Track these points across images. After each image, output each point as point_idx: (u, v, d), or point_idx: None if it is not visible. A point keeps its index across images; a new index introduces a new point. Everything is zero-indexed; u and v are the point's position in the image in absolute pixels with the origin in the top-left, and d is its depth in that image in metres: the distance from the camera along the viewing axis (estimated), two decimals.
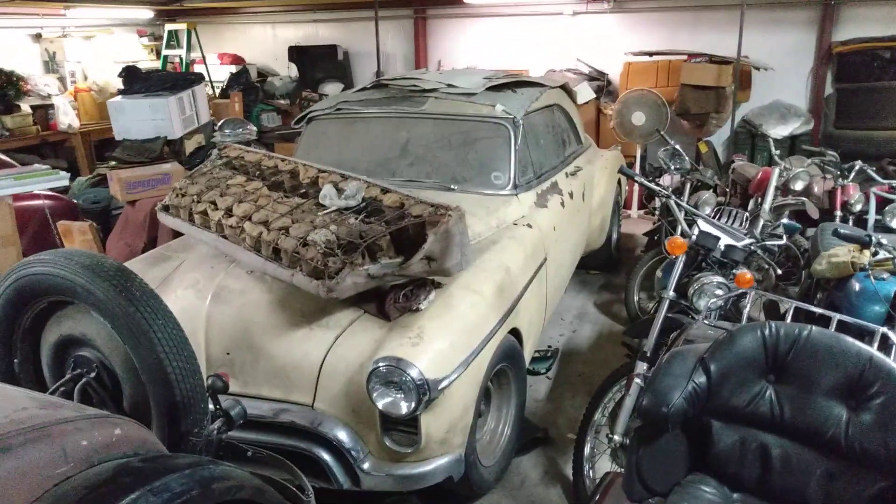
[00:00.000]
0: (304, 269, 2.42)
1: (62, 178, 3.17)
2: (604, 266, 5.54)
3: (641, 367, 2.67)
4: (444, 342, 2.44)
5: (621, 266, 5.66)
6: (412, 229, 2.50)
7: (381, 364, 2.30)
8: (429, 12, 8.41)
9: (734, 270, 2.76)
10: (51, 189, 4.56)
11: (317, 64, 8.91)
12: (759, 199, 4.74)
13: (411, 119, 3.77)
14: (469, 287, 2.72)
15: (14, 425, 1.40)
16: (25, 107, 7.08)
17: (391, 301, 2.57)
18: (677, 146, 3.89)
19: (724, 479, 1.67)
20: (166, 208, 3.05)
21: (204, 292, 2.60)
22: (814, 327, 1.64)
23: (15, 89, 6.93)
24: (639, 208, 7.27)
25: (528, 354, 3.31)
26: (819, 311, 2.16)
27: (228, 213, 2.76)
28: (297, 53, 9.00)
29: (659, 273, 3.08)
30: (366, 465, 2.43)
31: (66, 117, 7.26)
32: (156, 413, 2.00)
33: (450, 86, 3.88)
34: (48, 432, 1.42)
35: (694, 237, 2.75)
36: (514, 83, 4.16)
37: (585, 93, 7.41)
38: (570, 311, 4.87)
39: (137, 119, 6.01)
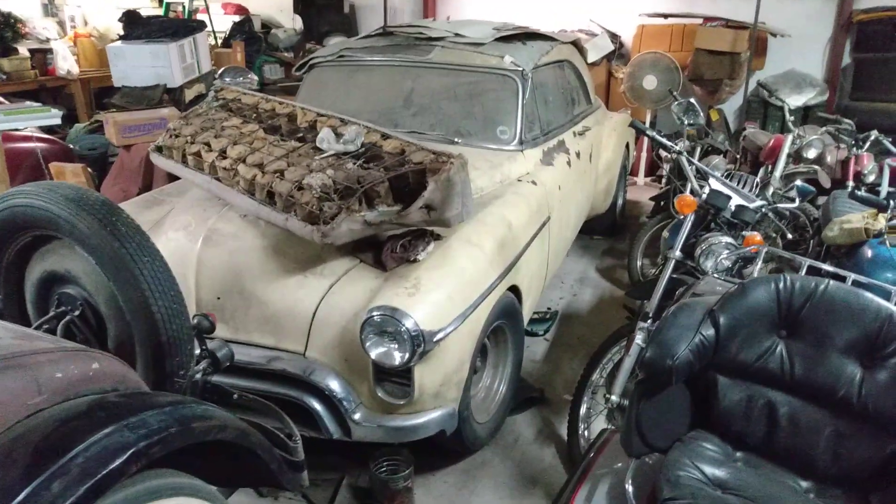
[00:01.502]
0: (299, 214, 2.34)
1: (54, 116, 3.06)
2: (607, 231, 5.45)
3: (643, 327, 2.60)
4: (442, 294, 2.36)
5: (625, 232, 5.56)
6: (412, 177, 2.40)
7: (375, 313, 2.24)
8: None
9: (743, 232, 2.67)
10: (45, 132, 4.47)
11: (322, 16, 8.70)
12: (770, 167, 4.63)
13: (416, 68, 3.64)
14: (469, 240, 2.64)
15: None
16: (23, 50, 6.90)
17: (388, 251, 2.49)
18: (692, 100, 3.73)
19: (727, 437, 1.61)
20: (159, 149, 2.95)
21: (195, 235, 2.52)
22: (831, 281, 1.56)
23: (12, 31, 6.75)
24: (645, 175, 7.15)
25: (526, 314, 3.25)
26: (833, 269, 2.07)
27: (222, 154, 2.67)
28: (302, 5, 8.78)
29: (665, 233, 3.00)
30: (357, 416, 2.37)
31: (66, 62, 7.09)
32: (140, 353, 1.93)
33: (457, 35, 3.74)
34: (21, 362, 1.35)
35: (704, 196, 2.66)
36: (524, 35, 4.02)
37: (603, 44, 7.23)
38: (571, 275, 4.80)
39: (137, 65, 5.86)
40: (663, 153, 6.97)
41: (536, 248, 3.19)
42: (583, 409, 2.79)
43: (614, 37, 7.71)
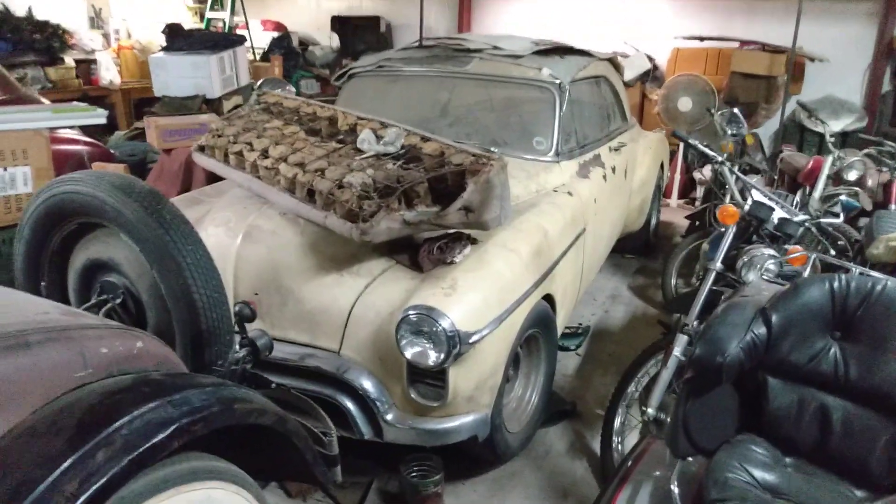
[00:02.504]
0: (338, 212, 2.34)
1: (100, 115, 3.14)
2: (640, 250, 5.40)
3: (682, 340, 2.54)
4: (478, 296, 2.35)
5: (658, 252, 5.51)
6: (451, 178, 2.40)
7: (411, 312, 2.22)
8: None
9: (786, 246, 2.62)
10: (87, 134, 4.57)
11: (358, 35, 8.84)
12: (809, 189, 4.56)
13: (454, 79, 3.67)
14: (505, 245, 2.62)
15: (34, 325, 1.35)
16: (69, 60, 7.11)
17: (425, 252, 2.49)
18: (735, 110, 3.64)
19: (776, 441, 1.56)
20: (202, 148, 2.99)
21: (235, 231, 2.54)
22: (889, 280, 1.51)
23: (60, 42, 6.96)
24: (679, 198, 7.08)
25: (560, 325, 3.21)
26: (883, 276, 2.01)
27: (264, 154, 2.70)
28: (339, 24, 8.94)
29: (705, 246, 2.95)
30: (389, 417, 2.35)
31: (108, 73, 7.28)
32: (180, 342, 1.94)
33: (495, 48, 3.77)
34: (68, 335, 1.36)
35: (747, 207, 2.61)
36: (562, 49, 4.04)
37: (640, 63, 7.23)
38: (602, 292, 4.74)
39: (178, 76, 5.99)
40: (697, 175, 6.94)
41: (571, 258, 3.16)
42: (617, 423, 2.73)
43: (648, 59, 7.71)
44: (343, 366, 2.36)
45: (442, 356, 2.21)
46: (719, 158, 2.83)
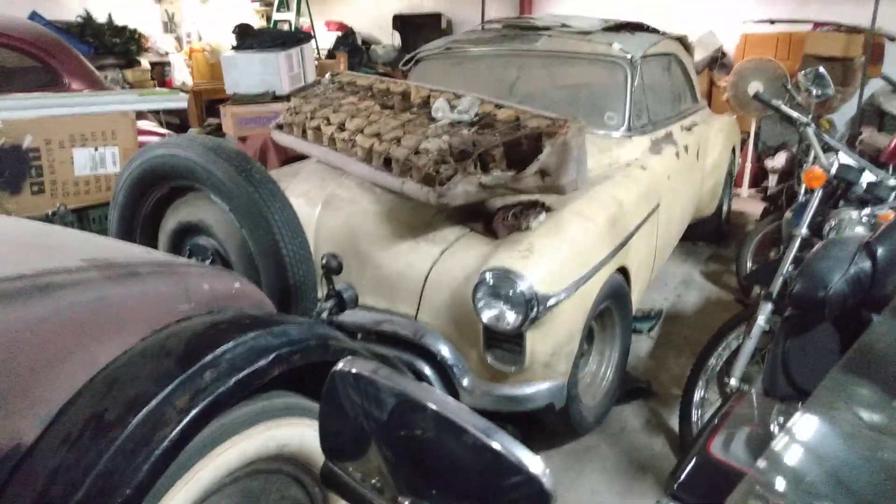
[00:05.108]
0: (415, 177, 2.37)
1: (181, 100, 3.27)
2: (711, 237, 5.25)
3: (766, 308, 2.47)
4: (555, 260, 2.33)
5: (730, 239, 5.35)
6: (527, 143, 2.40)
7: (488, 274, 2.22)
8: None
9: (876, 210, 2.50)
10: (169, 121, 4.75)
11: (420, 32, 8.91)
12: (893, 168, 4.35)
13: (522, 57, 3.66)
14: (581, 213, 2.60)
15: (141, 259, 1.41)
16: (145, 63, 7.44)
17: (499, 219, 2.49)
18: (821, 69, 3.45)
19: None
20: (280, 126, 3.08)
21: (315, 200, 2.60)
22: None
23: (136, 46, 7.30)
24: (749, 187, 6.87)
25: (634, 302, 3.15)
26: None
27: (341, 127, 2.75)
28: (400, 22, 9.05)
29: (788, 214, 2.84)
30: (465, 382, 2.36)
31: (181, 74, 7.59)
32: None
33: (564, 25, 3.74)
34: (173, 270, 1.42)
35: (834, 169, 2.51)
36: (632, 26, 3.98)
37: (710, 41, 7.07)
38: (674, 278, 4.64)
39: (248, 74, 6.16)
40: (769, 163, 6.72)
41: (646, 233, 3.11)
42: (697, 396, 2.67)
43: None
44: (420, 331, 2.38)
45: (519, 319, 2.20)
46: (804, 119, 2.74)
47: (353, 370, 0.76)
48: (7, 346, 1.09)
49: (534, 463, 0.65)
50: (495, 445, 0.66)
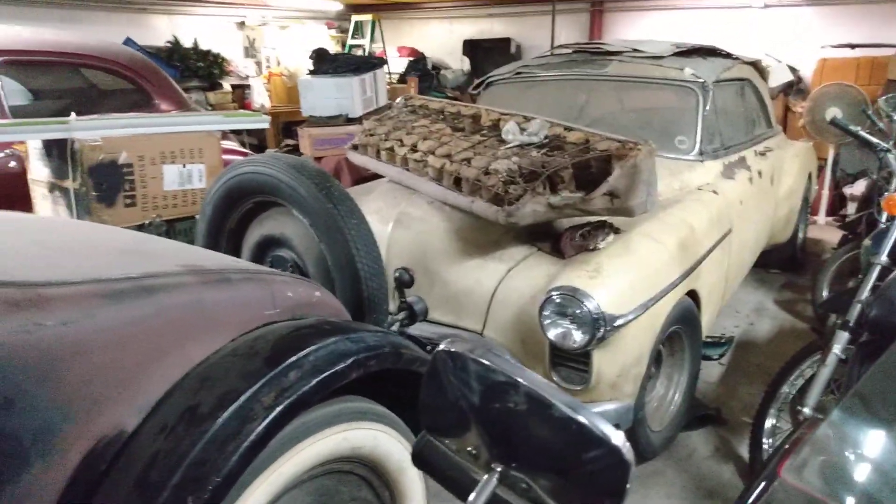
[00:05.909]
0: (484, 196, 2.43)
1: (264, 121, 3.44)
2: (786, 265, 5.11)
3: (842, 337, 2.40)
4: (623, 281, 2.34)
5: (805, 268, 5.19)
6: (596, 165, 2.42)
7: (555, 293, 2.25)
8: (606, 5, 8.28)
9: None
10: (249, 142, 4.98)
11: (489, 57, 9.06)
12: None
13: (592, 81, 3.69)
14: (650, 235, 2.60)
15: (231, 266, 1.52)
16: (226, 85, 7.84)
17: (567, 239, 2.52)
18: None
19: None
20: (355, 147, 3.20)
21: (386, 218, 2.69)
22: None
23: (219, 69, 7.70)
24: (827, 214, 6.64)
25: (704, 327, 3.11)
26: None
27: (413, 148, 2.85)
28: (470, 47, 9.23)
29: (867, 242, 2.76)
30: None
31: (260, 97, 7.94)
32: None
33: (635, 50, 3.76)
34: (261, 278, 1.51)
35: None
36: (704, 51, 3.96)
37: (781, 74, 6.92)
38: (746, 305, 4.53)
39: (323, 97, 6.41)
40: (848, 190, 6.49)
41: (717, 258, 3.07)
42: (768, 424, 2.60)
43: (792, 70, 7.35)
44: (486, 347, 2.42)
45: (586, 338, 2.21)
46: (885, 145, 2.67)
47: (454, 349, 0.83)
48: (114, 341, 1.19)
49: (616, 436, 0.71)
50: (581, 419, 0.72)
